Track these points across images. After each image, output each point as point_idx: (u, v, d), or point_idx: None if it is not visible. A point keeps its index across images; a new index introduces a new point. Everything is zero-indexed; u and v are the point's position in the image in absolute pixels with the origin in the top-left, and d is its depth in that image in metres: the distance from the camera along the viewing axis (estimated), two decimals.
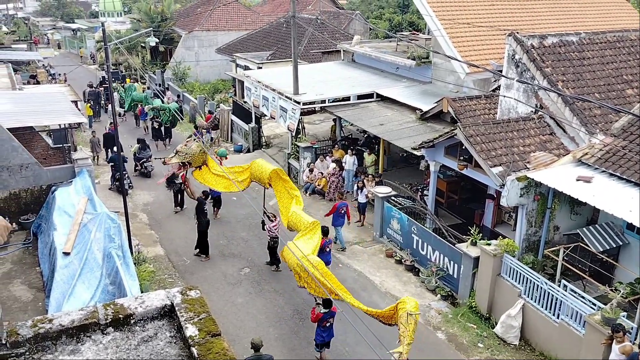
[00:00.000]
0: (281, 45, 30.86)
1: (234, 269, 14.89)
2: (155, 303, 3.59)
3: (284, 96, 20.56)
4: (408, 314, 9.34)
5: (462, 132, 12.99)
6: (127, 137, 24.86)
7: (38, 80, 30.04)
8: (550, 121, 13.75)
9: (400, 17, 41.88)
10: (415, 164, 19.90)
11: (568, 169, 12.15)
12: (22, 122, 15.03)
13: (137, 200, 19.60)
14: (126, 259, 11.47)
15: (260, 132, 25.12)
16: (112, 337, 3.40)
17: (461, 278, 13.11)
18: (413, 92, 19.71)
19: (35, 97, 18.53)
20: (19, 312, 11.38)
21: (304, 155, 20.51)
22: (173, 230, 17.37)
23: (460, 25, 19.09)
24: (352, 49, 24.40)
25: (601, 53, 14.90)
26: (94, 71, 41.83)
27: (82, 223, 12.50)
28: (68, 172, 15.12)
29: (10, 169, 14.24)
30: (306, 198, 19.51)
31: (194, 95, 32.00)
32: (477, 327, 12.37)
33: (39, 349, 3.28)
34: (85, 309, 3.55)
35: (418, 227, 14.66)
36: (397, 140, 16.33)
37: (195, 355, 3.11)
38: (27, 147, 14.82)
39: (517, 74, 14.09)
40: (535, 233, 12.97)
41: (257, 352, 9.49)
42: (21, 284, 12.50)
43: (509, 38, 14.24)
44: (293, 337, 12.08)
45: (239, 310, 13.00)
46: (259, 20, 40.59)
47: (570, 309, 10.63)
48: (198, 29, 38.17)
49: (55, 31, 65.92)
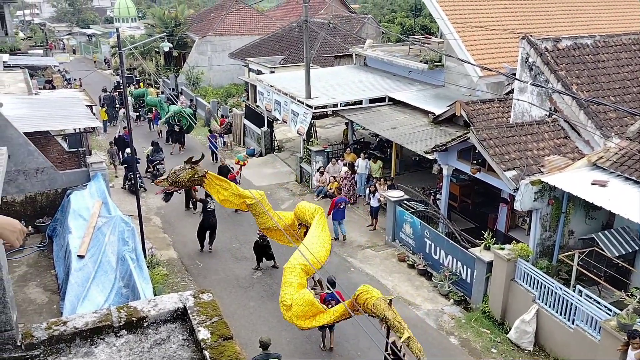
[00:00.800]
0: (293, 50, 30.97)
1: (246, 272, 14.92)
2: (168, 306, 3.61)
3: (296, 100, 20.62)
4: (385, 300, 9.11)
5: (475, 135, 12.92)
6: (140, 141, 25.07)
7: (54, 85, 30.45)
8: (565, 125, 13.63)
9: (412, 20, 41.84)
10: (428, 168, 19.81)
11: (583, 172, 12.02)
12: (38, 126, 15.24)
13: (150, 203, 19.75)
14: (140, 262, 11.55)
15: (273, 136, 25.20)
16: (125, 339, 3.43)
17: (474, 283, 13.02)
18: (425, 95, 19.66)
19: (50, 102, 18.78)
20: (34, 314, 11.51)
21: (316, 159, 20.52)
22: (186, 233, 17.46)
23: (473, 29, 19.01)
24: (364, 52, 24.41)
25: (616, 56, 14.75)
26: (108, 76, 42.27)
27: (97, 226, 12.62)
28: (83, 175, 15.28)
29: (26, 172, 14.43)
30: (317, 202, 19.52)
31: (207, 100, 32.20)
32: (490, 332, 12.27)
33: (53, 351, 3.32)
34: (99, 311, 3.58)
35: (431, 231, 14.59)
36: (409, 144, 16.28)
37: (207, 359, 3.12)
38: (42, 151, 15.01)
39: (531, 77, 13.99)
40: (550, 237, 12.85)
41: (266, 351, 9.62)
42: (36, 286, 12.64)
43: (523, 41, 14.15)
44: (305, 342, 12.06)
45: (251, 314, 13.02)
46: (272, 24, 40.77)
47: (585, 314, 10.50)
48: (211, 34, 38.44)
49: (70, 37, 66.79)
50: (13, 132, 13.66)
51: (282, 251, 14.59)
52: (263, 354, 9.57)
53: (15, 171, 14.22)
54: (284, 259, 12.83)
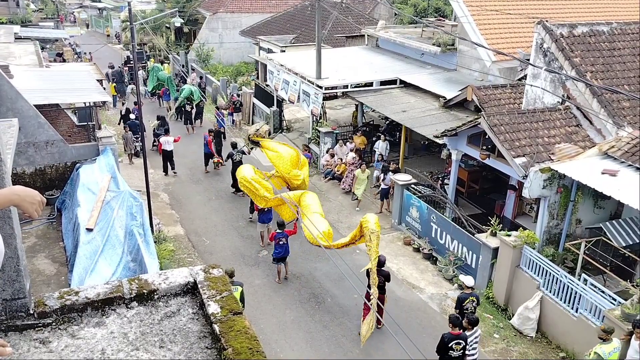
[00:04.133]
0: (305, 29, 30.70)
1: (252, 251, 15.02)
2: (179, 280, 3.65)
3: (306, 80, 20.50)
4: (370, 232, 10.52)
5: (486, 121, 12.83)
6: (149, 117, 25.08)
7: (64, 59, 30.44)
8: (577, 112, 13.51)
9: (426, 2, 41.28)
10: (437, 152, 19.72)
11: (593, 161, 11.94)
12: (48, 99, 15.27)
13: (158, 180, 19.84)
14: (147, 237, 11.65)
15: (282, 116, 25.13)
16: (136, 311, 3.47)
17: (479, 268, 13.05)
18: (437, 79, 19.49)
19: (61, 75, 18.79)
20: (42, 285, 11.68)
21: (325, 140, 20.48)
22: (193, 210, 17.57)
23: (488, 12, 18.75)
24: (376, 34, 24.17)
25: (633, 44, 14.52)
26: (119, 51, 42.14)
27: (105, 200, 12.71)
28: (92, 150, 15.35)
29: (36, 145, 14.51)
30: (324, 184, 19.54)
31: (217, 77, 32.07)
32: (493, 317, 12.33)
33: (65, 320, 3.37)
34: (110, 283, 3.62)
35: (437, 215, 14.60)
36: (419, 127, 16.20)
37: (217, 332, 3.16)
38: (52, 124, 15.07)
39: (545, 64, 13.82)
40: (557, 225, 12.82)
41: (230, 279, 10.37)
42: (45, 257, 12.81)
43: (538, 26, 13.96)
44: (309, 320, 12.19)
45: (255, 292, 13.14)
46: (284, 3, 40.34)
47: (589, 303, 10.53)
48: (222, 11, 38.13)
49: (81, 10, 66.45)
50: (24, 104, 13.70)
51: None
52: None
53: (26, 143, 14.30)
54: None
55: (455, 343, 9.33)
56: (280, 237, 13.15)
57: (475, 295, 10.83)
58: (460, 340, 9.35)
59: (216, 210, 17.58)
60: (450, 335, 9.37)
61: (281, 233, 13.17)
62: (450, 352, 9.35)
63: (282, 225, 13.28)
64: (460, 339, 9.35)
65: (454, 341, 9.32)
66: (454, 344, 9.32)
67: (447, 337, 9.36)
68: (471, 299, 10.65)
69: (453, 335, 9.35)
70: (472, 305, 10.59)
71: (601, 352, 9.04)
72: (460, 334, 9.39)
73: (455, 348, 9.34)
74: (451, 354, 9.37)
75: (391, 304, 12.34)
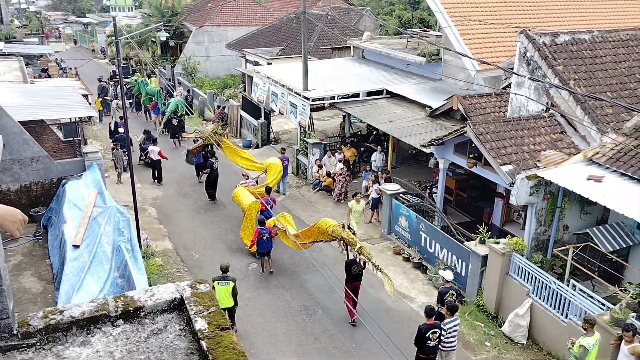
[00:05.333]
0: (291, 41, 30.83)
1: (242, 264, 14.93)
2: (165, 296, 3.61)
3: (293, 92, 20.55)
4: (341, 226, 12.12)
5: (472, 129, 12.92)
6: (136, 131, 24.98)
7: (49, 74, 30.24)
8: (561, 120, 13.66)
9: (410, 13, 41.73)
10: (425, 161, 19.83)
11: (579, 168, 12.06)
12: (33, 115, 15.13)
13: (146, 194, 19.70)
14: (135, 252, 11.53)
15: (269, 128, 25.13)
16: (122, 329, 3.42)
17: (469, 276, 13.07)
18: (423, 89, 19.64)
19: (46, 91, 18.65)
20: (28, 303, 11.48)
21: (313, 151, 20.50)
22: (182, 224, 17.45)
23: (472, 22, 18.97)
24: (362, 45, 24.33)
25: (614, 51, 14.76)
26: (104, 65, 42.02)
27: (92, 216, 12.58)
28: (78, 165, 15.21)
29: (21, 161, 14.35)
30: (313, 194, 19.54)
31: (204, 90, 32.05)
32: (484, 325, 12.33)
33: (49, 340, 3.31)
34: (95, 300, 3.57)
35: (426, 224, 14.63)
36: (406, 137, 16.28)
37: (204, 349, 3.12)
38: (38, 140, 14.92)
39: (529, 72, 13.99)
40: (545, 232, 12.90)
41: (224, 274, 11.73)
42: (31, 275, 12.61)
43: (521, 35, 14.14)
44: (300, 333, 12.11)
45: (246, 305, 13.04)
46: (269, 15, 40.56)
47: (578, 308, 10.57)
48: (208, 24, 38.22)
49: (66, 25, 66.29)
50: (8, 120, 13.57)
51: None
52: (221, 275, 11.67)
53: (10, 160, 14.14)
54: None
55: (432, 332, 9.80)
56: (263, 233, 14.01)
57: (454, 289, 11.36)
58: (436, 330, 9.84)
59: (205, 223, 17.49)
60: (426, 325, 9.83)
61: (264, 229, 14.04)
62: (428, 342, 9.81)
63: (262, 222, 14.18)
64: (435, 328, 9.85)
65: (430, 331, 9.79)
66: (431, 334, 9.78)
67: (423, 328, 9.82)
68: (451, 292, 11.09)
69: (429, 325, 9.83)
70: (452, 299, 10.91)
71: (586, 343, 9.17)
72: (435, 323, 9.90)
73: (432, 337, 9.81)
74: (428, 344, 9.83)
75: (382, 314, 12.32)
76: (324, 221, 12.65)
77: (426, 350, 9.88)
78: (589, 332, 9.36)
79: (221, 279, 11.60)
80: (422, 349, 9.89)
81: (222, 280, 11.57)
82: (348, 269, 12.04)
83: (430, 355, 9.95)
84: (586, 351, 9.15)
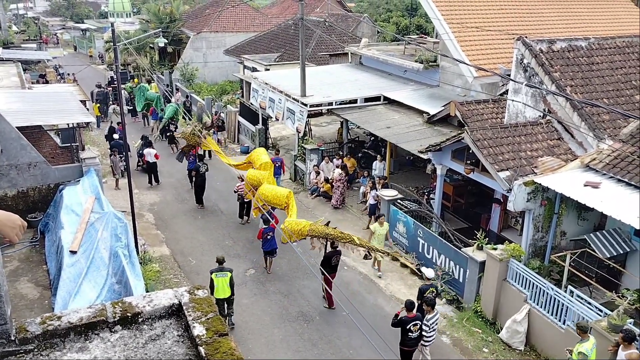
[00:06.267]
0: (289, 47, 30.91)
1: (239, 270, 14.89)
2: (163, 302, 3.60)
3: (291, 98, 20.59)
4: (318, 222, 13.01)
5: (470, 135, 12.96)
6: (134, 137, 24.98)
7: (47, 80, 30.24)
8: (558, 126, 13.71)
9: (408, 20, 41.91)
10: (422, 168, 19.86)
11: (576, 174, 12.10)
12: (30, 121, 15.13)
13: (143, 200, 19.68)
14: (132, 258, 11.52)
15: (267, 134, 25.15)
16: (120, 335, 3.41)
17: (467, 282, 13.07)
18: (420, 95, 19.70)
19: (44, 97, 18.66)
20: (25, 309, 11.44)
21: (311, 157, 20.52)
22: (179, 230, 17.42)
23: (469, 29, 19.06)
24: (359, 51, 24.41)
25: (610, 58, 14.84)
26: (102, 71, 42.04)
27: (89, 222, 12.56)
28: (76, 171, 15.20)
29: (18, 167, 14.33)
30: (311, 200, 19.55)
31: (202, 96, 32.10)
32: (482, 331, 12.32)
33: (47, 346, 3.30)
34: (93, 306, 3.56)
35: (424, 230, 14.63)
36: (404, 143, 16.32)
37: (202, 355, 3.12)
38: (35, 145, 14.91)
39: (525, 79, 14.05)
40: (542, 238, 12.92)
41: (221, 265, 12.15)
42: (28, 281, 12.57)
43: (518, 42, 14.21)
44: (298, 339, 12.08)
45: (243, 311, 13.01)
46: (267, 22, 40.67)
47: (576, 315, 10.57)
48: (206, 30, 38.30)
49: (64, 31, 66.35)
50: (5, 126, 13.57)
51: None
52: (218, 267, 12.10)
53: (8, 165, 14.13)
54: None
55: (413, 325, 10.33)
56: (267, 232, 14.20)
57: (434, 286, 11.92)
58: (417, 322, 10.38)
59: (202, 229, 17.46)
60: (407, 318, 10.35)
61: (268, 228, 14.20)
62: (409, 334, 10.36)
63: (267, 221, 14.19)
64: (416, 320, 10.39)
65: (411, 323, 10.32)
66: (412, 326, 10.32)
67: (404, 321, 10.34)
68: (431, 290, 11.58)
69: (409, 318, 10.35)
70: (432, 295, 11.22)
71: (584, 350, 9.17)
72: (416, 315, 10.45)
73: (413, 330, 10.35)
74: (410, 336, 10.38)
75: (381, 321, 12.29)
76: (290, 222, 13.20)
77: (408, 342, 10.44)
78: (583, 338, 9.38)
79: (218, 270, 12.04)
80: (404, 341, 10.46)
81: (219, 271, 12.02)
82: (328, 260, 12.75)
83: (412, 347, 10.54)
84: (585, 357, 9.17)
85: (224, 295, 11.93)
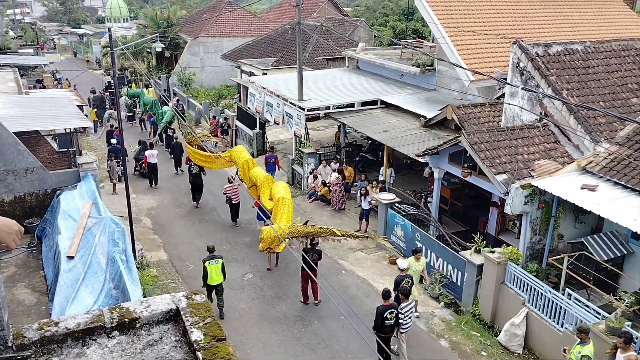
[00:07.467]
0: (286, 52, 30.97)
1: (237, 275, 14.88)
2: (161, 307, 3.60)
3: (288, 102, 20.62)
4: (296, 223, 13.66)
5: (467, 139, 12.99)
6: (131, 142, 24.96)
7: (44, 85, 30.22)
8: (555, 129, 13.75)
9: (404, 24, 42.01)
10: (419, 171, 19.89)
11: (572, 177, 12.13)
12: (28, 126, 15.10)
13: (141, 204, 19.65)
14: (129, 263, 11.48)
15: (265, 138, 25.16)
16: (117, 340, 3.41)
17: (465, 286, 13.07)
18: (417, 99, 19.74)
19: (41, 102, 18.63)
20: (22, 315, 11.40)
21: (308, 161, 20.53)
22: (176, 235, 17.40)
23: (465, 33, 19.13)
24: (356, 55, 24.46)
25: (606, 62, 14.90)
26: (99, 76, 42.04)
27: (87, 227, 12.53)
28: (73, 176, 15.16)
29: (15, 172, 14.29)
30: (309, 204, 19.55)
31: (199, 101, 32.11)
32: (480, 335, 12.32)
33: (44, 352, 3.29)
34: (91, 312, 3.55)
35: (422, 234, 14.64)
36: (401, 147, 16.34)
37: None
38: (32, 151, 14.87)
39: (522, 82, 14.10)
40: (540, 241, 12.94)
41: (212, 253, 12.69)
42: (25, 287, 12.52)
43: (514, 46, 14.26)
44: (296, 344, 12.06)
45: (241, 316, 12.99)
46: (264, 26, 40.74)
47: (574, 317, 10.58)
48: (203, 35, 38.35)
49: (61, 36, 66.33)
50: (2, 131, 13.53)
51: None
52: (210, 255, 12.66)
53: (5, 171, 14.09)
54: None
55: (389, 313, 10.69)
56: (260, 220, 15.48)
57: (409, 277, 12.14)
58: (393, 310, 10.77)
59: (200, 234, 17.44)
60: (383, 307, 10.72)
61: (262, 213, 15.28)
62: (386, 322, 10.72)
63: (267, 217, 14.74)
64: (392, 308, 10.78)
65: (388, 311, 10.68)
66: (388, 314, 10.68)
67: (381, 309, 10.70)
68: (406, 280, 11.88)
69: (386, 306, 10.73)
70: (407, 286, 11.49)
71: (588, 352, 9.15)
72: (392, 304, 10.84)
73: (389, 317, 10.71)
74: (386, 323, 10.75)
75: None
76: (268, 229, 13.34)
77: (385, 329, 10.77)
78: (585, 340, 9.36)
79: (210, 258, 12.67)
80: (381, 329, 10.75)
81: (211, 259, 12.65)
82: (304, 257, 13.02)
83: (388, 334, 10.91)
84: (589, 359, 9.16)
85: (216, 282, 12.63)
